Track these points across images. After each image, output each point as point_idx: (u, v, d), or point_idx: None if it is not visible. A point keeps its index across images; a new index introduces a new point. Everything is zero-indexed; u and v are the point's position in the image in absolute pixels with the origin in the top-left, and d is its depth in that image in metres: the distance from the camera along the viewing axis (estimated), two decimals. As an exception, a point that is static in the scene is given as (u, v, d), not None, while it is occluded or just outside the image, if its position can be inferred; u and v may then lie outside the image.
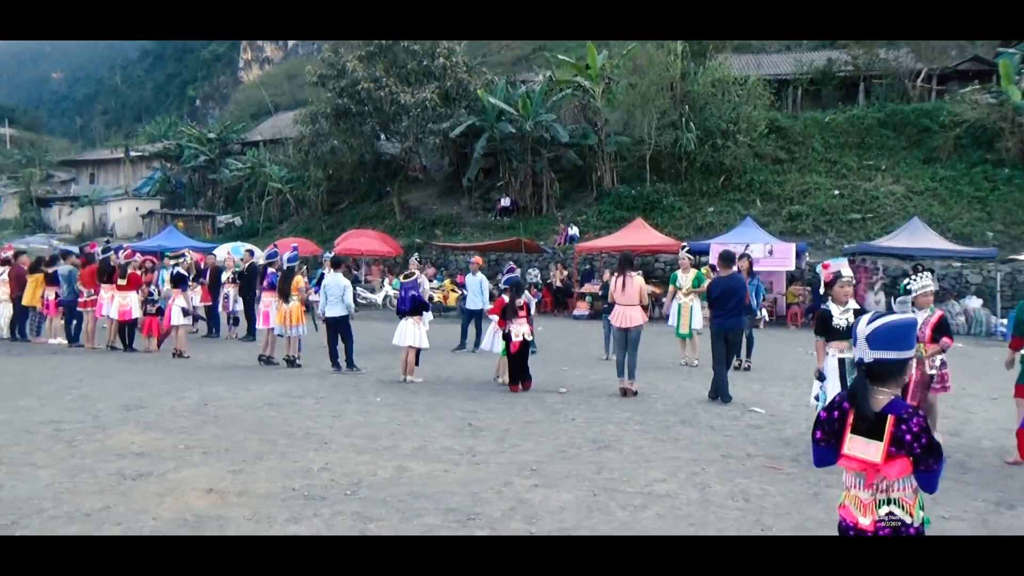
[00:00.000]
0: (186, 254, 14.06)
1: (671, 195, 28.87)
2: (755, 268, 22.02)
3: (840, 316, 6.49)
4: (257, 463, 6.07)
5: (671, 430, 7.55)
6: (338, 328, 10.91)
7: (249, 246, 27.82)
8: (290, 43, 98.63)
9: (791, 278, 21.81)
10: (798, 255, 21.02)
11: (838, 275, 6.56)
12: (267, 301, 11.75)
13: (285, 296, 11.28)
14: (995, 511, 5.23)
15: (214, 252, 20.97)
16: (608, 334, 13.27)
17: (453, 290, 22.40)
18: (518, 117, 29.44)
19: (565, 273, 24.70)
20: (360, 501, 5.17)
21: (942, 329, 6.63)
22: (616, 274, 9.56)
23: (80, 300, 13.60)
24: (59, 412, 7.84)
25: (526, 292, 10.40)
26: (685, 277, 12.57)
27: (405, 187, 35.35)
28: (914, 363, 6.14)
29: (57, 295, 14.03)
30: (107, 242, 14.48)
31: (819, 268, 6.85)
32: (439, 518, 4.86)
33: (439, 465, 6.11)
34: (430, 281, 19.87)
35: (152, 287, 13.34)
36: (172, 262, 13.50)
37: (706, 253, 22.90)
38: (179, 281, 12.66)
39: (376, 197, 36.13)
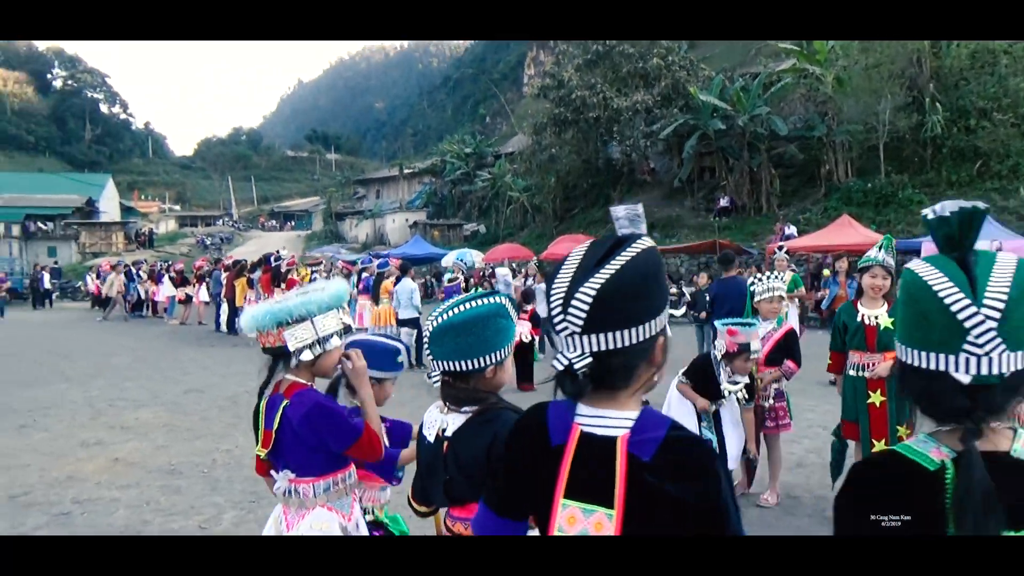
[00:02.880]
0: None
1: (909, 187, 25.41)
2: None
3: (730, 385, 4.81)
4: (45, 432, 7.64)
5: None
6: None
7: (473, 252, 30.20)
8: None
9: None
10: (1035, 253, 17.46)
11: (745, 348, 4.75)
12: (361, 304, 13.06)
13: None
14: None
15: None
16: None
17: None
18: (732, 112, 28.05)
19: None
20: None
21: (787, 349, 5.20)
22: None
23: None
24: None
25: None
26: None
27: (633, 190, 35.37)
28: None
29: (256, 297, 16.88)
30: (277, 252, 16.99)
31: (723, 330, 4.85)
32: (38, 518, 5.21)
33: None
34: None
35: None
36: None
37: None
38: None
39: (604, 202, 36.64)
